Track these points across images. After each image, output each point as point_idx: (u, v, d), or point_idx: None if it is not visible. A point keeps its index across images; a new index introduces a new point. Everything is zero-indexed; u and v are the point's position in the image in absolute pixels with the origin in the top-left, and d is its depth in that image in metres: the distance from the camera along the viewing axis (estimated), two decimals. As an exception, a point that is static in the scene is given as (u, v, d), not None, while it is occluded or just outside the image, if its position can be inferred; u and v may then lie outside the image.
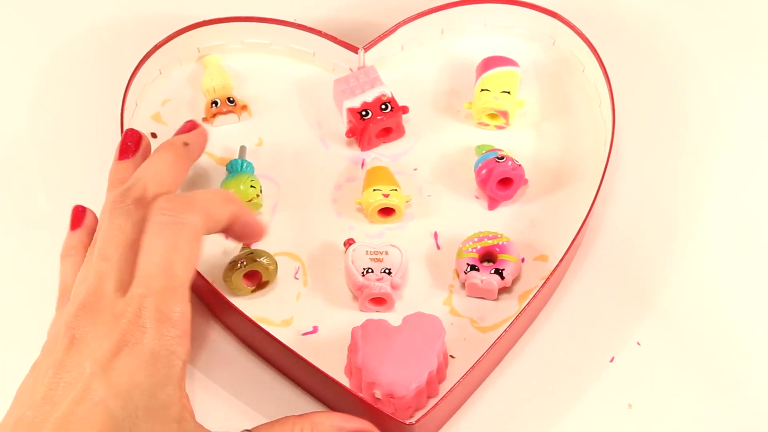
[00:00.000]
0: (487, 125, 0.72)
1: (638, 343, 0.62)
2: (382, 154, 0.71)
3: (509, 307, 0.63)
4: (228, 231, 0.55)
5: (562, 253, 0.62)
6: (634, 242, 0.67)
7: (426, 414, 0.55)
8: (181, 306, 0.47)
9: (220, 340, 0.63)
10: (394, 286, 0.62)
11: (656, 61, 0.77)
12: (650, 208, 0.69)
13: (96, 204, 0.68)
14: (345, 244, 0.65)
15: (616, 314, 0.63)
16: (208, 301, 0.63)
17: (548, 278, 0.60)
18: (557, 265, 0.61)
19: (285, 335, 0.61)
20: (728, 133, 0.73)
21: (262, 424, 0.51)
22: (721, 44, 0.78)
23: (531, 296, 0.60)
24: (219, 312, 0.63)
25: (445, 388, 0.56)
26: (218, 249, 0.65)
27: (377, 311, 0.62)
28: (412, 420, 0.55)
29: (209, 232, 0.52)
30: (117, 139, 0.68)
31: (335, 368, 0.59)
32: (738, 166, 0.71)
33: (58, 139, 0.73)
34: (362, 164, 0.70)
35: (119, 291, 0.48)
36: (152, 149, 0.70)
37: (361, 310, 0.63)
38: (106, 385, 0.44)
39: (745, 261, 0.66)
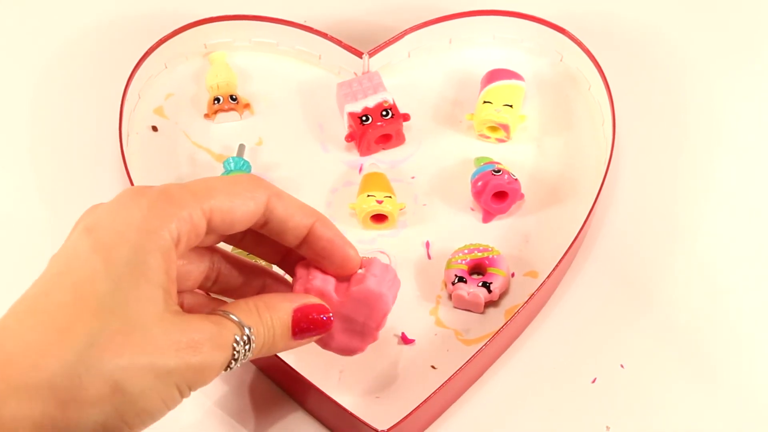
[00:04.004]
0: (488, 138, 0.71)
1: (622, 366, 0.61)
2: (381, 160, 0.71)
3: (495, 321, 0.63)
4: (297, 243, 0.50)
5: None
6: (628, 263, 0.66)
7: (400, 422, 0.54)
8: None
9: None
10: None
11: (664, 85, 0.77)
12: (646, 230, 0.68)
13: (92, 193, 0.69)
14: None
15: (604, 334, 0.63)
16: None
17: (533, 295, 0.60)
18: (543, 283, 0.60)
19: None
20: (732, 160, 0.72)
21: (227, 304, 0.49)
22: (731, 73, 0.77)
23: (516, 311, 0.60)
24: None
25: (421, 397, 0.56)
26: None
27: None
28: (385, 427, 0.54)
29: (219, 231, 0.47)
30: (115, 129, 0.69)
31: (318, 372, 0.59)
32: (739, 194, 0.70)
33: (60, 127, 0.73)
34: (360, 169, 0.70)
35: None
36: (152, 141, 0.72)
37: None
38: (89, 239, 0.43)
39: (742, 290, 0.65)
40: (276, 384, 0.61)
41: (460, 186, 0.69)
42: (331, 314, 0.50)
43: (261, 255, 0.53)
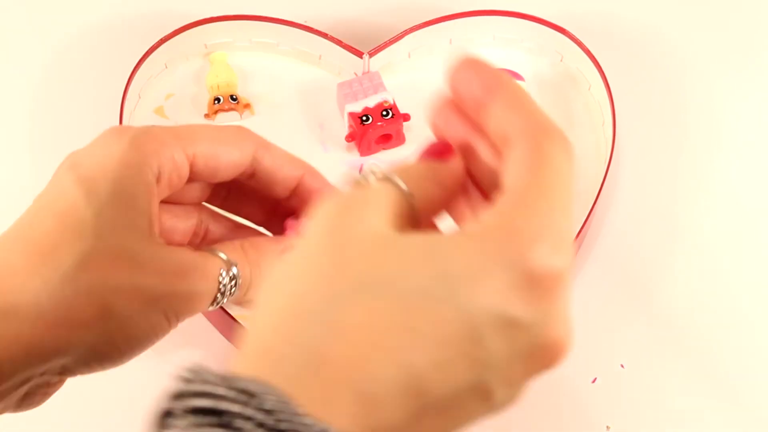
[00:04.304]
0: (488, 138, 0.71)
1: (622, 366, 0.61)
2: (382, 160, 0.71)
3: (495, 321, 0.63)
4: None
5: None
6: (628, 263, 0.66)
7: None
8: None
9: (201, 335, 0.63)
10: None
11: (664, 85, 0.77)
12: (646, 230, 0.68)
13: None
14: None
15: (604, 334, 0.63)
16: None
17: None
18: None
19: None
20: (732, 160, 0.72)
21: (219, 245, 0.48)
22: (731, 73, 0.77)
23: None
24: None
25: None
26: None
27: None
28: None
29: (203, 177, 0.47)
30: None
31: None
32: (739, 193, 0.70)
33: (60, 127, 0.73)
34: (360, 169, 0.70)
35: None
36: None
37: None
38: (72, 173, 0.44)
39: (743, 290, 0.65)
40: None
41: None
42: None
43: (246, 215, 0.52)
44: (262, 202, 0.51)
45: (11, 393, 0.41)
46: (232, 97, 0.72)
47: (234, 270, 0.45)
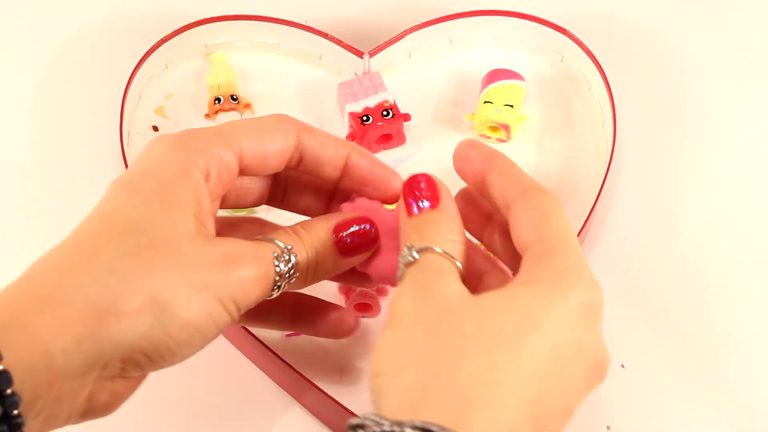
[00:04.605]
0: (488, 138, 0.72)
1: (622, 366, 0.61)
2: (382, 160, 0.71)
3: (496, 321, 0.63)
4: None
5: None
6: (628, 263, 0.66)
7: (400, 423, 0.54)
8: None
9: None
10: (380, 292, 0.62)
11: (664, 85, 0.77)
12: (646, 230, 0.68)
13: (93, 192, 0.69)
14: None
15: (604, 334, 0.63)
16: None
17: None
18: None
19: (268, 335, 0.61)
20: (732, 160, 0.72)
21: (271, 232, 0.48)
22: (731, 73, 0.77)
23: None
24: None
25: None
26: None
27: (362, 317, 0.62)
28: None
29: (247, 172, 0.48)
30: (116, 129, 0.68)
31: (316, 371, 0.59)
32: (740, 193, 0.70)
33: (61, 126, 0.73)
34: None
35: None
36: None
37: (348, 315, 0.63)
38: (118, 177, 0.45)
39: (743, 290, 0.65)
40: (277, 383, 0.61)
41: (461, 186, 0.69)
42: (372, 225, 0.49)
43: (305, 209, 0.53)
44: (318, 191, 0.52)
45: (72, 392, 0.40)
46: (232, 97, 0.72)
47: (286, 251, 0.46)
